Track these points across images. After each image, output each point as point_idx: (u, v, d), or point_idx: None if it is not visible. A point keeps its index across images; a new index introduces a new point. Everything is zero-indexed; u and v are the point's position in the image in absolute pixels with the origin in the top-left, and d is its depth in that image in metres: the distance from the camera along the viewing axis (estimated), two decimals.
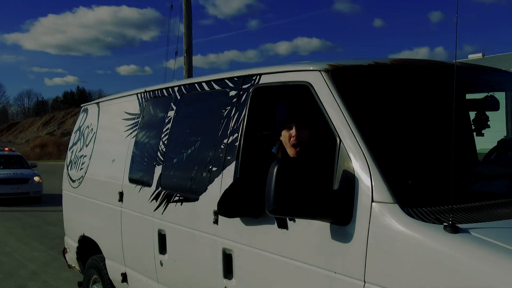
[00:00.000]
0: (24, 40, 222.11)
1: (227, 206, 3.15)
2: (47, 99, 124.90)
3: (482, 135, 3.25)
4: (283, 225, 2.84)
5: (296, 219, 2.75)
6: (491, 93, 3.35)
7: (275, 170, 2.45)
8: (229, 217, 3.19)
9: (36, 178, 19.15)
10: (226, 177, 3.32)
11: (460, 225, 2.16)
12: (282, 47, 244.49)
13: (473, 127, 3.29)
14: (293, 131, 2.99)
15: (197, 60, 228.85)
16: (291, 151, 3.03)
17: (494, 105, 3.37)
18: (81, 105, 6.80)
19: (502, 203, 2.44)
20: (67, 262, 6.56)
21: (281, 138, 3.09)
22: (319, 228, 2.62)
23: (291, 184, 2.44)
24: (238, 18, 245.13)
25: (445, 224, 2.16)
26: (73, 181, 6.10)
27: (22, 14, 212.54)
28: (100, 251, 5.37)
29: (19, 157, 21.38)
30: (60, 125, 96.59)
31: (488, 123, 3.29)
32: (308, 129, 3.01)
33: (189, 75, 15.54)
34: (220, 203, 3.19)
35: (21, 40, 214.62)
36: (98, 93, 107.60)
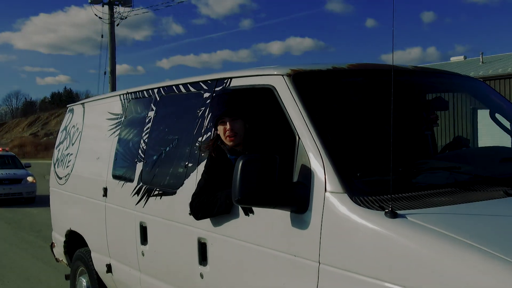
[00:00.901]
0: (15, 39, 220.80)
1: (201, 213, 3.47)
2: (35, 100, 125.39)
3: (431, 132, 3.59)
4: (248, 213, 3.15)
5: (256, 209, 3.06)
6: (439, 95, 3.68)
7: (240, 164, 2.76)
8: (205, 218, 3.50)
9: (30, 178, 19.08)
10: (201, 172, 3.63)
11: (399, 211, 2.48)
12: (275, 47, 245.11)
13: (423, 125, 3.63)
14: (227, 125, 3.37)
15: (190, 59, 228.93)
16: (227, 142, 3.41)
17: (443, 105, 3.70)
18: (67, 105, 7.06)
19: (439, 193, 2.76)
20: (54, 256, 6.82)
21: (218, 132, 3.47)
22: (281, 216, 2.93)
23: (255, 177, 2.75)
24: (231, 18, 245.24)
25: (386, 210, 2.48)
26: (60, 178, 6.37)
27: (13, 13, 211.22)
28: (86, 245, 5.65)
29: (12, 157, 21.28)
30: (44, 126, 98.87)
31: (438, 121, 3.63)
32: (241, 119, 3.39)
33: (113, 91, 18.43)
34: (193, 209, 3.51)
35: (12, 39, 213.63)
36: (85, 94, 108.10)
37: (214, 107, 3.49)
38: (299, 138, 2.94)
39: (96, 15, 25.07)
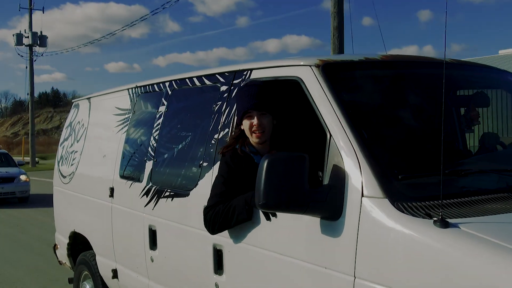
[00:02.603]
0: (11, 37, 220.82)
1: (217, 225, 3.08)
2: (23, 100, 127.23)
3: (472, 131, 3.26)
4: (269, 217, 2.83)
5: (280, 213, 2.74)
6: (481, 90, 3.36)
7: (266, 164, 2.45)
8: (222, 230, 3.14)
9: (23, 177, 18.07)
10: (216, 174, 3.30)
11: (449, 220, 2.16)
12: (271, 45, 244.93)
13: (463, 123, 3.30)
14: (254, 120, 3.04)
15: (186, 57, 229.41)
16: (254, 139, 3.08)
17: (484, 101, 3.37)
18: (73, 100, 6.77)
19: (491, 198, 2.44)
20: (57, 258, 6.52)
21: (242, 127, 3.13)
22: (309, 223, 2.61)
23: (282, 178, 2.44)
24: (227, 16, 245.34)
25: (434, 219, 2.16)
26: (64, 177, 6.07)
27: (8, 11, 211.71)
28: (91, 247, 5.35)
29: (5, 154, 20.12)
30: (25, 125, 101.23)
31: (479, 119, 3.30)
32: (269, 114, 3.06)
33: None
34: (208, 222, 3.13)
35: (8, 37, 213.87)
36: (72, 94, 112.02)
37: (240, 99, 3.14)
38: (330, 135, 2.62)
39: (19, 54, 37.61)
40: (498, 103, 3.56)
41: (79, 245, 5.75)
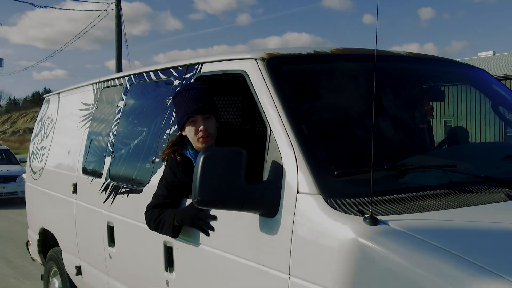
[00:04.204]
0: (11, 34, 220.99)
1: (153, 227, 3.10)
2: (18, 99, 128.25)
3: (426, 125, 3.20)
4: (208, 233, 2.83)
5: (222, 212, 2.69)
6: (435, 84, 3.29)
7: (201, 160, 2.38)
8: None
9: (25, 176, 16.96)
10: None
11: (380, 217, 2.11)
12: (272, 42, 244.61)
13: (417, 118, 3.24)
14: (200, 125, 2.90)
15: (187, 54, 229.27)
16: (199, 145, 2.93)
17: (438, 95, 3.31)
18: (44, 95, 6.69)
19: (429, 195, 2.38)
20: (30, 254, 6.47)
21: (184, 134, 2.99)
22: (250, 221, 2.55)
23: (218, 174, 2.38)
24: (228, 13, 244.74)
25: (366, 215, 2.10)
26: (34, 172, 6.00)
27: (9, 8, 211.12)
28: (58, 244, 5.29)
29: (6, 151, 18.58)
30: (12, 124, 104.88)
31: (432, 113, 3.24)
32: (213, 117, 2.97)
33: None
34: (147, 220, 3.13)
35: (8, 34, 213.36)
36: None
37: (180, 104, 2.98)
38: (271, 130, 2.56)
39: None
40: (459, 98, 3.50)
41: (49, 241, 5.71)
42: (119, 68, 20.70)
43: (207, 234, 2.80)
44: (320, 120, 2.73)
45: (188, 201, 2.96)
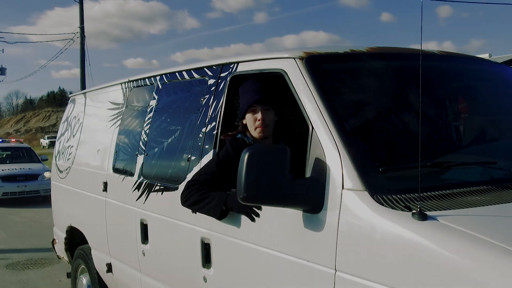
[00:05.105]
0: (30, 32, 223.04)
1: (189, 203, 3.15)
2: (34, 99, 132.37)
3: (460, 123, 3.23)
4: (254, 219, 2.85)
5: (264, 207, 2.74)
6: (470, 82, 3.32)
7: (246, 157, 2.43)
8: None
9: (47, 174, 15.80)
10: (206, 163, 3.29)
11: (428, 213, 2.14)
12: (289, 41, 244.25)
13: (451, 116, 3.26)
14: (258, 114, 3.06)
15: (203, 53, 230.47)
16: (256, 134, 3.09)
17: (472, 94, 3.34)
18: (69, 95, 6.77)
19: (472, 191, 2.41)
20: (56, 253, 6.56)
21: (244, 122, 3.14)
22: (292, 216, 2.60)
23: (262, 171, 2.42)
24: (245, 12, 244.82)
25: (413, 211, 2.14)
26: (61, 171, 6.09)
27: (28, 7, 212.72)
28: (87, 242, 5.37)
29: (28, 149, 18.54)
30: (25, 123, 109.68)
31: (467, 111, 3.27)
32: (272, 110, 3.09)
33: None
34: (184, 196, 3.18)
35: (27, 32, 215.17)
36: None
37: (244, 93, 3.16)
38: (312, 128, 2.60)
39: None
40: (489, 96, 3.52)
41: (76, 239, 5.79)
42: (83, 87, 25.84)
43: (253, 220, 2.84)
44: (361, 117, 2.77)
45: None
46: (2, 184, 15.83)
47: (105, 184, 4.75)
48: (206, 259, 3.29)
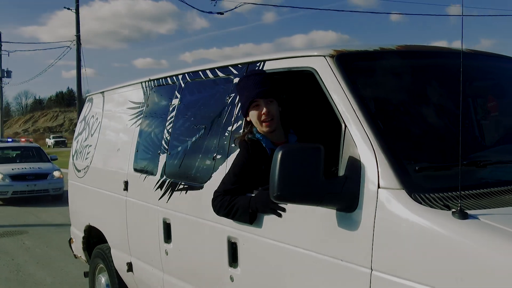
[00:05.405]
0: (41, 33, 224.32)
1: (222, 213, 3.17)
2: (43, 99, 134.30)
3: (488, 121, 3.20)
4: (280, 215, 2.84)
5: (294, 206, 2.72)
6: (500, 80, 3.29)
7: (280, 155, 2.41)
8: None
9: (57, 173, 16.74)
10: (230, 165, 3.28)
11: (468, 211, 2.12)
12: (298, 41, 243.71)
13: (480, 114, 3.24)
14: (262, 109, 3.03)
15: (212, 53, 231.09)
16: (264, 129, 3.06)
17: (502, 92, 3.31)
18: (87, 94, 6.78)
19: (510, 190, 2.39)
20: (73, 252, 6.56)
21: (248, 119, 3.12)
22: (324, 215, 2.58)
23: (296, 170, 2.40)
24: (254, 11, 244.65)
25: (453, 210, 2.11)
26: (79, 171, 6.08)
27: (38, 8, 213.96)
28: (105, 241, 5.36)
29: (37, 149, 18.84)
30: (34, 123, 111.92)
31: (497, 110, 3.24)
32: (275, 101, 3.06)
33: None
34: (215, 207, 3.21)
35: (38, 33, 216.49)
36: (86, 93, 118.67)
37: (243, 90, 3.12)
38: (345, 126, 2.58)
39: None
40: None
41: (93, 238, 5.78)
42: (79, 90, 30.12)
43: (280, 216, 2.83)
44: (394, 115, 2.75)
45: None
46: (12, 183, 16.03)
47: (126, 183, 4.74)
48: (233, 258, 3.27)
